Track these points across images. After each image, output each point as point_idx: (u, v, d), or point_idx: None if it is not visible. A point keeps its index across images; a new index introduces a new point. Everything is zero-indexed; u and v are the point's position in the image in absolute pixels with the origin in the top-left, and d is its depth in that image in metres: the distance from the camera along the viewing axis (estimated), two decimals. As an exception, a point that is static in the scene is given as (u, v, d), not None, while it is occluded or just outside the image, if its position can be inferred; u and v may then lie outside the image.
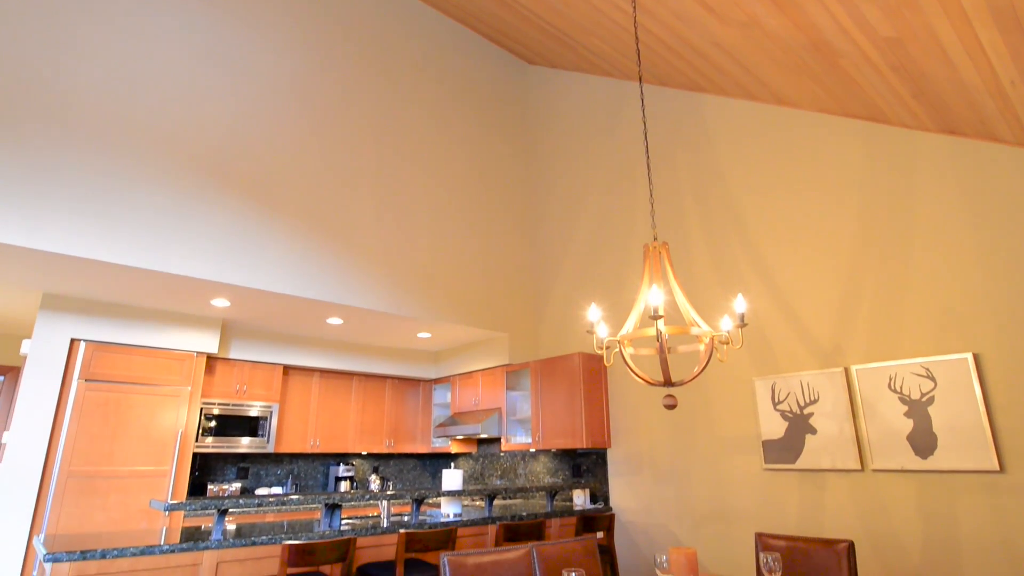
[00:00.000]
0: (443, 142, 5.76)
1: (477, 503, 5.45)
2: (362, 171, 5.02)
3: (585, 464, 5.25)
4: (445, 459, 6.92)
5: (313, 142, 4.77)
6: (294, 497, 3.33)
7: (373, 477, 6.32)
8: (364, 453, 6.46)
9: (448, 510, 4.24)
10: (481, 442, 6.43)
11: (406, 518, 3.87)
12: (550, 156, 6.37)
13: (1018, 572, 2.96)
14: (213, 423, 5.15)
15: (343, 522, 3.76)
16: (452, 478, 4.81)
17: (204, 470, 5.44)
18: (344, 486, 6.02)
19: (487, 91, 6.37)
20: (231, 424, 5.25)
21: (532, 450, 5.56)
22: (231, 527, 3.52)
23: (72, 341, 4.39)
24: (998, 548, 3.03)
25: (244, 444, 5.28)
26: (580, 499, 4.86)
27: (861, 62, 3.28)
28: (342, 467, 6.08)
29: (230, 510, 4.74)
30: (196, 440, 5.01)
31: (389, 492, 3.69)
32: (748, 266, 4.36)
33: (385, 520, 3.70)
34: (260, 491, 5.63)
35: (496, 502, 5.41)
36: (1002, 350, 3.17)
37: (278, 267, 4.34)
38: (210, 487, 5.30)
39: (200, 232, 4.04)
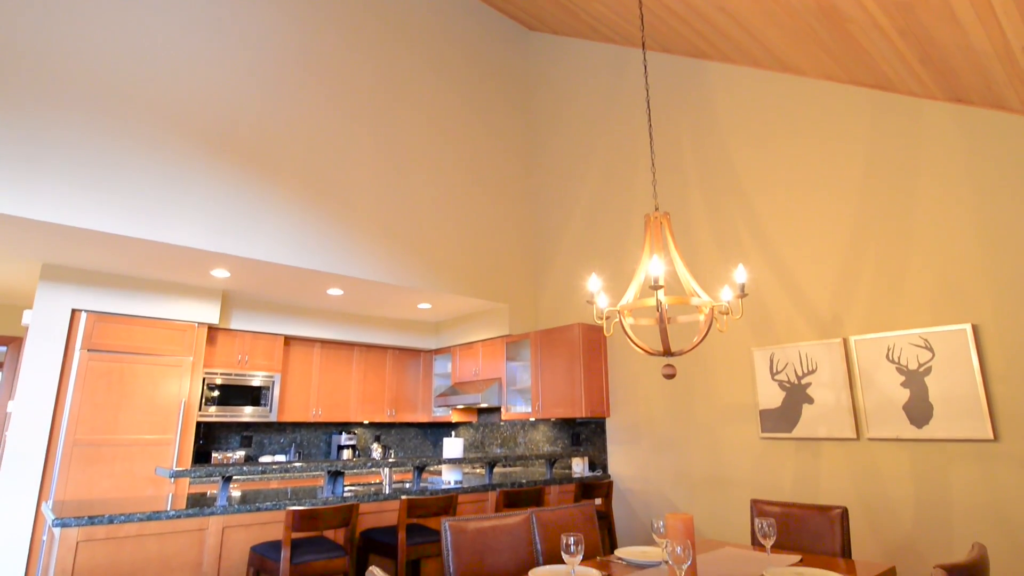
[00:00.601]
0: (443, 111, 5.67)
1: (477, 471, 5.54)
2: (360, 140, 4.96)
3: (584, 433, 5.31)
4: (446, 428, 7.01)
5: (310, 110, 4.70)
6: (297, 464, 3.38)
7: (375, 445, 6.41)
8: (366, 422, 6.54)
9: (449, 477, 4.31)
10: (481, 411, 6.50)
11: (408, 485, 3.94)
12: (551, 125, 6.29)
13: (1007, 536, 3.02)
14: (216, 393, 5.20)
15: (346, 489, 3.82)
16: (453, 446, 4.88)
17: (208, 439, 5.51)
18: (346, 454, 6.11)
19: (487, 59, 6.25)
20: (234, 394, 5.30)
21: (532, 419, 5.62)
22: (236, 493, 3.58)
23: (73, 312, 4.40)
24: (989, 514, 3.09)
25: (247, 413, 5.34)
26: (579, 467, 4.94)
27: (869, 27, 3.21)
28: (344, 436, 6.16)
29: (234, 477, 4.82)
30: (199, 409, 5.06)
31: (391, 460, 3.74)
32: (749, 236, 4.34)
33: (387, 487, 3.76)
34: (264, 459, 5.71)
35: (496, 470, 5.50)
36: (1001, 321, 3.18)
37: (277, 237, 4.32)
38: (214, 455, 5.38)
39: (198, 202, 4.01)
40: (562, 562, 2.56)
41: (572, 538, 1.99)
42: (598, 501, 4.48)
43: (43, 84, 3.53)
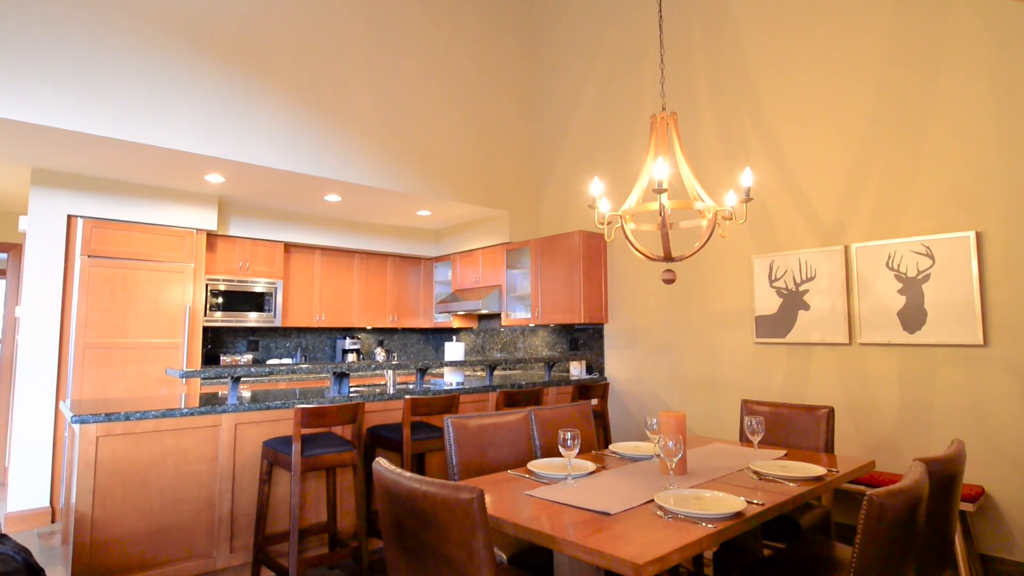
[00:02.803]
0: (441, 10, 5.31)
1: (479, 373, 5.72)
2: (355, 38, 4.69)
3: (582, 338, 5.44)
4: (447, 333, 7.17)
5: (301, 5, 4.40)
6: (304, 366, 3.48)
7: (378, 350, 6.59)
8: (369, 328, 6.68)
9: (451, 379, 4.46)
10: (482, 317, 6.63)
11: (411, 386, 4.08)
12: (555, 17, 5.92)
13: (986, 436, 3.16)
14: (220, 299, 5.27)
15: (351, 390, 3.96)
16: (454, 350, 5.01)
17: (216, 343, 5.65)
18: (351, 358, 6.29)
19: (486, -58, 5.77)
20: (237, 299, 5.37)
21: (531, 325, 5.73)
22: (246, 394, 3.72)
23: (69, 217, 4.35)
24: (970, 415, 3.22)
25: (252, 318, 5.44)
26: (576, 370, 5.09)
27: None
28: (348, 340, 6.31)
29: (243, 379, 4.99)
30: (205, 314, 5.15)
31: (394, 363, 3.85)
32: (757, 139, 4.21)
33: (391, 387, 3.90)
34: (270, 362, 5.89)
35: (496, 373, 5.68)
36: (1007, 228, 3.14)
37: (271, 141, 4.19)
38: (223, 358, 5.55)
39: (187, 102, 3.85)
40: (559, 456, 2.70)
41: (569, 433, 2.08)
42: (594, 401, 4.66)
43: (8, -31, 3.27)
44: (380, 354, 6.60)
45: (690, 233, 4.55)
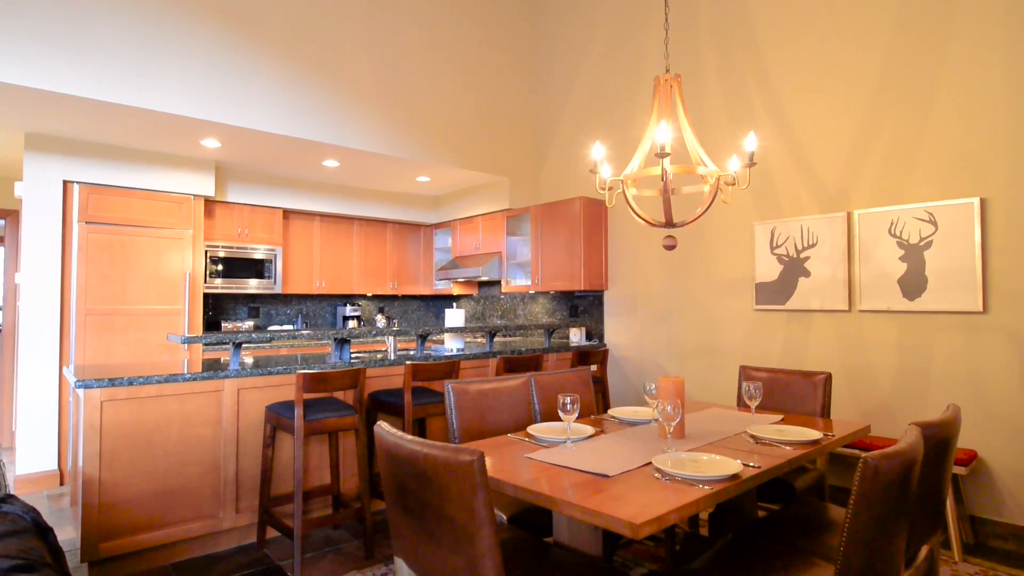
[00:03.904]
0: (436, -40, 5.15)
1: (479, 340, 5.75)
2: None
3: (582, 305, 5.45)
4: (447, 300, 7.19)
5: (291, -41, 4.27)
6: (305, 332, 3.49)
7: (379, 317, 6.62)
8: (369, 295, 6.69)
9: (451, 345, 4.48)
10: (482, 285, 6.63)
11: (412, 352, 4.10)
12: (555, -22, 5.75)
13: (981, 402, 3.19)
14: (220, 265, 5.26)
15: (352, 356, 3.99)
16: (455, 317, 5.02)
17: (217, 310, 5.67)
18: (351, 325, 6.32)
19: None
20: (237, 266, 5.36)
21: (531, 292, 5.74)
22: (248, 360, 3.74)
23: (65, 183, 4.31)
24: (966, 382, 3.24)
25: (252, 285, 5.45)
26: (576, 336, 5.12)
27: None
28: (348, 307, 6.33)
29: (244, 345, 5.01)
30: (205, 281, 5.15)
31: (395, 329, 3.87)
32: (761, 104, 4.13)
33: (392, 353, 3.92)
34: (272, 329, 5.92)
35: (496, 339, 5.71)
36: (1012, 194, 3.11)
37: (267, 105, 4.12)
38: (224, 325, 5.57)
39: (181, 66, 3.76)
40: (559, 420, 2.73)
41: (568, 398, 2.10)
42: (594, 367, 4.69)
43: (-10, -76, 3.16)
44: (381, 321, 6.62)
45: (692, 199, 4.52)
